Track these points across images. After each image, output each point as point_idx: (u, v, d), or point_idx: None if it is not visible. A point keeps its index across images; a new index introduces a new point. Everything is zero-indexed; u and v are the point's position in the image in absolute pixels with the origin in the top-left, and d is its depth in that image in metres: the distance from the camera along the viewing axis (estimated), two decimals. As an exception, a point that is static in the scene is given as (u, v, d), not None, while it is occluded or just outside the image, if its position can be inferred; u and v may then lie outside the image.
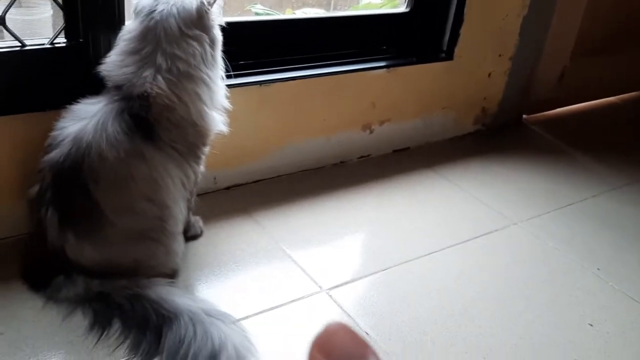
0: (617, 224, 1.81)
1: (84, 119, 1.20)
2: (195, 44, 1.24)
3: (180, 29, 1.21)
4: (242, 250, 1.49)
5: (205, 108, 1.29)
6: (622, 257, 1.65)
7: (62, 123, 1.22)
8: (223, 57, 1.34)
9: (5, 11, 1.27)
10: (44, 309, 1.23)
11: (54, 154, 1.19)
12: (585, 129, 2.48)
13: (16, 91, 1.32)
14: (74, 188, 1.18)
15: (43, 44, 1.32)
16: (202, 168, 1.38)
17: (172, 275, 1.33)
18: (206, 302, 1.27)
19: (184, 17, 1.22)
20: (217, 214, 1.60)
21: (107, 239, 1.22)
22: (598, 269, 1.59)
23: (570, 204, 1.89)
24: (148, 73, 1.20)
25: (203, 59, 1.26)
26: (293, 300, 1.35)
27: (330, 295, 1.38)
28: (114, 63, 1.23)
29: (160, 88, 1.20)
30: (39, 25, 1.78)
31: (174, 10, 1.21)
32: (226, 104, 1.35)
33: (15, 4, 1.69)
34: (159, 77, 1.20)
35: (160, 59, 1.21)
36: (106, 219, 1.19)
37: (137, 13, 1.23)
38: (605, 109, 2.71)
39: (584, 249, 1.67)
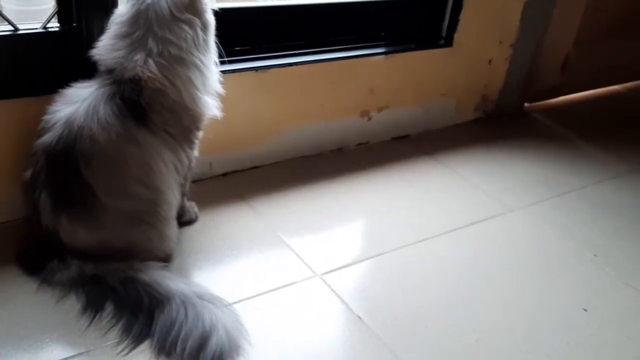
0: (617, 211, 1.80)
1: (76, 102, 1.21)
2: (187, 27, 1.23)
3: (171, 12, 1.21)
4: (237, 236, 1.49)
5: (198, 92, 1.28)
6: (620, 243, 1.64)
7: (54, 107, 1.23)
8: (216, 42, 1.34)
9: (-3, -5, 1.27)
10: (38, 292, 1.24)
11: (47, 138, 1.20)
12: (588, 117, 2.46)
13: (10, 76, 1.32)
14: (66, 171, 1.19)
15: (36, 29, 1.32)
16: (195, 153, 1.39)
17: (166, 259, 1.34)
18: (199, 285, 1.28)
19: (176, 0, 1.21)
20: (212, 199, 1.60)
21: (99, 222, 1.22)
22: (595, 255, 1.58)
23: (570, 191, 1.88)
24: (139, 57, 1.20)
25: (195, 43, 1.26)
26: (286, 285, 1.35)
27: (324, 280, 1.38)
28: (105, 47, 1.23)
29: (151, 72, 1.20)
30: (40, 16, 1.78)
31: None
32: (219, 88, 1.35)
33: (18, -6, 1.69)
34: (150, 61, 1.20)
35: (151, 43, 1.20)
36: (98, 201, 1.20)
37: None
38: (608, 97, 2.68)
39: (581, 235, 1.66)
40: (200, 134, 1.37)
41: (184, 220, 1.49)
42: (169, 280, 1.23)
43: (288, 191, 1.70)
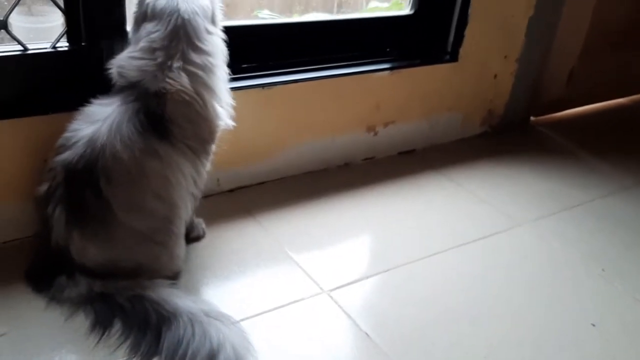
0: (625, 224, 1.79)
1: (98, 120, 1.22)
2: (216, 40, 1.31)
3: (205, 26, 1.28)
4: (244, 252, 1.49)
5: (216, 103, 1.32)
6: (628, 257, 1.63)
7: (75, 125, 1.24)
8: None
9: (7, 15, 1.29)
10: (47, 310, 1.24)
11: (68, 155, 1.21)
12: (594, 130, 2.46)
13: (19, 94, 1.34)
14: (85, 187, 1.20)
15: (45, 48, 1.34)
16: (209, 166, 1.41)
17: (174, 277, 1.34)
18: (206, 303, 1.28)
19: (206, 15, 1.29)
20: (220, 215, 1.61)
21: (112, 240, 1.23)
22: (603, 269, 1.57)
23: (578, 205, 1.88)
24: (175, 68, 1.24)
25: (222, 55, 1.33)
26: (294, 302, 1.35)
27: (331, 297, 1.38)
28: (129, 61, 1.26)
29: (182, 84, 1.24)
30: (49, 32, 1.80)
31: (196, 9, 1.27)
32: (230, 100, 1.39)
33: (26, 12, 1.72)
34: (183, 73, 1.24)
35: (189, 55, 1.25)
36: (115, 218, 1.21)
37: (154, 15, 1.26)
38: (614, 110, 2.68)
39: (589, 249, 1.65)
40: (214, 146, 1.39)
41: (192, 237, 1.49)
42: (176, 298, 1.24)
43: (295, 207, 1.71)
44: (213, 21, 1.32)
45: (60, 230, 1.22)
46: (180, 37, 1.25)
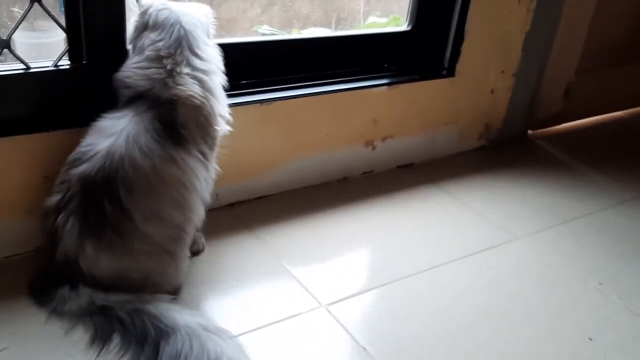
0: (623, 238, 1.80)
1: (113, 134, 1.25)
2: (212, 50, 1.40)
3: (203, 38, 1.36)
4: (243, 267, 1.51)
5: (218, 108, 1.39)
6: (626, 271, 1.64)
7: (89, 140, 1.27)
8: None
9: (10, 35, 1.32)
10: (47, 324, 1.25)
11: (85, 167, 1.23)
12: (592, 144, 2.47)
13: (22, 112, 1.37)
14: (104, 198, 1.21)
15: (47, 67, 1.37)
16: (214, 171, 1.45)
17: (174, 292, 1.36)
18: (205, 317, 1.29)
19: (203, 28, 1.38)
20: (219, 230, 1.62)
21: (128, 250, 1.25)
22: (600, 283, 1.58)
23: (575, 219, 1.89)
24: (184, 74, 1.30)
25: (219, 63, 1.40)
26: (292, 316, 1.36)
27: (329, 311, 1.39)
28: (135, 71, 1.30)
29: (191, 90, 1.30)
30: (51, 48, 1.83)
31: (195, 21, 1.36)
32: (227, 106, 1.45)
33: (29, 27, 1.74)
34: (191, 80, 1.31)
35: (193, 62, 1.32)
36: (135, 227, 1.23)
37: (156, 24, 1.33)
38: (612, 123, 2.70)
39: (587, 263, 1.66)
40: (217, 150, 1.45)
41: (193, 250, 1.51)
42: (175, 312, 1.24)
43: (294, 221, 1.72)
44: (208, 35, 1.41)
45: (70, 241, 1.23)
46: (184, 46, 1.32)
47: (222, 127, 1.42)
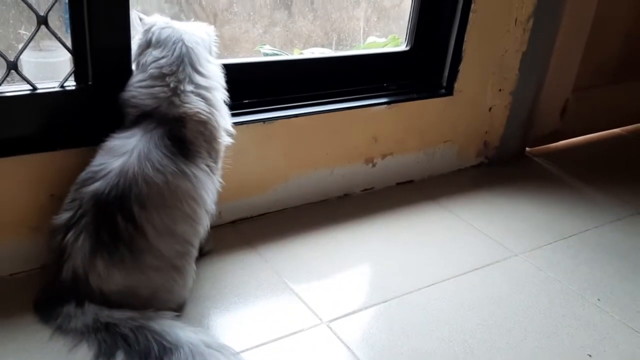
0: (620, 254, 1.82)
1: (125, 153, 1.27)
2: (214, 68, 1.43)
3: (205, 55, 1.40)
4: (244, 284, 1.52)
5: (221, 122, 1.42)
6: (624, 287, 1.66)
7: (100, 159, 1.29)
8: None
9: (17, 56, 1.35)
10: (51, 340, 1.26)
11: (98, 185, 1.25)
12: (589, 161, 2.50)
13: (28, 132, 1.39)
14: (117, 215, 1.24)
15: (54, 87, 1.40)
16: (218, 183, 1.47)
17: (178, 309, 1.37)
18: (207, 334, 1.31)
19: (205, 46, 1.42)
20: (221, 247, 1.64)
21: (140, 266, 1.26)
22: (598, 299, 1.59)
23: (573, 235, 1.91)
24: (188, 92, 1.34)
25: (221, 80, 1.44)
26: (293, 333, 1.38)
27: (331, 328, 1.41)
28: (140, 91, 1.34)
29: (197, 106, 1.34)
30: (57, 67, 1.86)
31: (197, 39, 1.40)
32: (230, 120, 1.48)
33: (35, 47, 1.77)
34: (196, 97, 1.35)
35: (196, 79, 1.36)
36: (147, 243, 1.25)
37: (158, 42, 1.36)
38: (609, 140, 2.73)
39: (585, 279, 1.68)
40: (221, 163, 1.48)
41: (206, 251, 1.57)
42: (178, 329, 1.26)
43: (295, 238, 1.74)
44: (210, 52, 1.45)
45: (80, 257, 1.24)
46: (186, 63, 1.35)
47: (226, 140, 1.45)
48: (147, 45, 1.38)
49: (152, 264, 1.28)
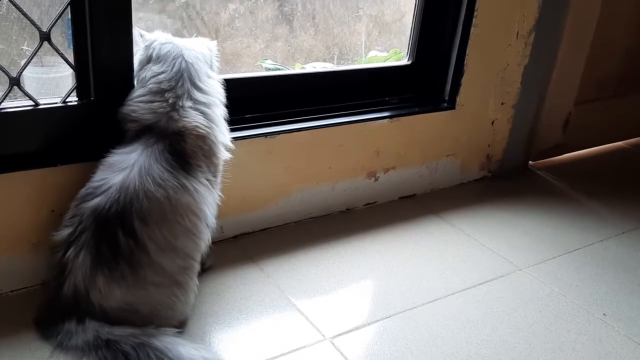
0: (625, 268, 1.80)
1: (125, 168, 1.27)
2: (215, 83, 1.44)
3: (205, 70, 1.40)
4: (246, 299, 1.51)
5: (220, 137, 1.42)
6: (629, 301, 1.64)
7: (100, 175, 1.29)
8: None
9: (20, 72, 1.35)
10: (52, 358, 1.25)
11: (99, 201, 1.24)
12: (593, 174, 2.49)
13: (31, 147, 1.39)
14: (117, 231, 1.23)
15: (56, 103, 1.40)
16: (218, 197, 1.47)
17: (180, 326, 1.36)
18: (209, 351, 1.30)
19: (206, 61, 1.41)
20: (223, 262, 1.63)
21: (140, 281, 1.26)
22: (604, 314, 1.58)
23: (577, 249, 1.89)
24: (186, 107, 1.34)
25: (221, 95, 1.44)
26: (296, 349, 1.36)
27: (334, 344, 1.39)
28: (139, 105, 1.34)
29: (196, 121, 1.34)
30: (60, 82, 1.86)
31: (197, 55, 1.40)
32: (229, 135, 1.48)
33: (37, 63, 1.78)
34: (195, 112, 1.35)
35: (195, 95, 1.36)
36: (149, 258, 1.25)
37: (159, 58, 1.37)
38: (612, 153, 2.72)
39: (590, 294, 1.66)
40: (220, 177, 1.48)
41: (207, 267, 1.56)
42: (179, 346, 1.24)
43: (297, 253, 1.73)
44: (211, 67, 1.44)
45: (81, 274, 1.24)
46: (185, 78, 1.35)
47: (225, 155, 1.45)
48: (147, 60, 1.39)
49: (154, 280, 1.27)
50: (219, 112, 1.43)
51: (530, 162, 2.46)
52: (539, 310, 1.58)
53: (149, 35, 1.41)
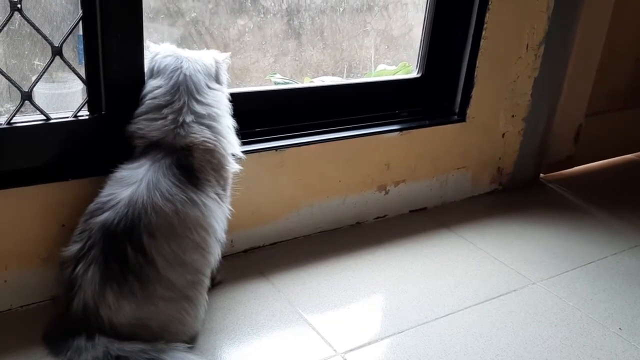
0: (639, 281, 1.78)
1: (134, 183, 1.27)
2: (218, 95, 1.41)
3: (205, 82, 1.38)
4: (257, 314, 1.50)
5: (228, 149, 1.41)
6: (645, 316, 1.62)
7: (108, 190, 1.29)
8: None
9: (32, 87, 1.35)
10: (61, 375, 1.24)
11: (107, 216, 1.24)
12: (604, 186, 2.47)
13: (42, 162, 1.39)
14: (126, 246, 1.22)
15: (67, 117, 1.40)
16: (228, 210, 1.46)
17: (191, 341, 1.35)
18: (220, 366, 1.28)
19: (207, 73, 1.39)
20: (234, 277, 1.62)
21: (150, 297, 1.24)
22: (620, 328, 1.55)
23: (591, 262, 1.87)
24: (188, 122, 1.33)
25: (226, 107, 1.42)
26: (308, 364, 1.35)
27: (346, 359, 1.37)
28: (144, 123, 1.34)
29: (202, 135, 1.33)
30: (70, 98, 1.87)
31: (198, 66, 1.38)
32: (238, 147, 1.47)
33: (48, 79, 1.79)
34: (198, 126, 1.34)
35: (195, 108, 1.34)
36: (157, 274, 1.24)
37: (158, 71, 1.37)
38: (624, 166, 2.70)
39: (605, 308, 1.64)
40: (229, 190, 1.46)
41: (216, 282, 1.55)
42: (190, 362, 1.23)
43: (308, 267, 1.71)
44: (217, 79, 1.43)
45: (91, 289, 1.23)
46: (182, 91, 1.34)
47: (234, 167, 1.44)
48: (150, 74, 1.39)
49: (163, 295, 1.26)
50: (226, 123, 1.41)
51: (541, 174, 2.45)
52: (554, 324, 1.56)
53: (154, 47, 1.41)
